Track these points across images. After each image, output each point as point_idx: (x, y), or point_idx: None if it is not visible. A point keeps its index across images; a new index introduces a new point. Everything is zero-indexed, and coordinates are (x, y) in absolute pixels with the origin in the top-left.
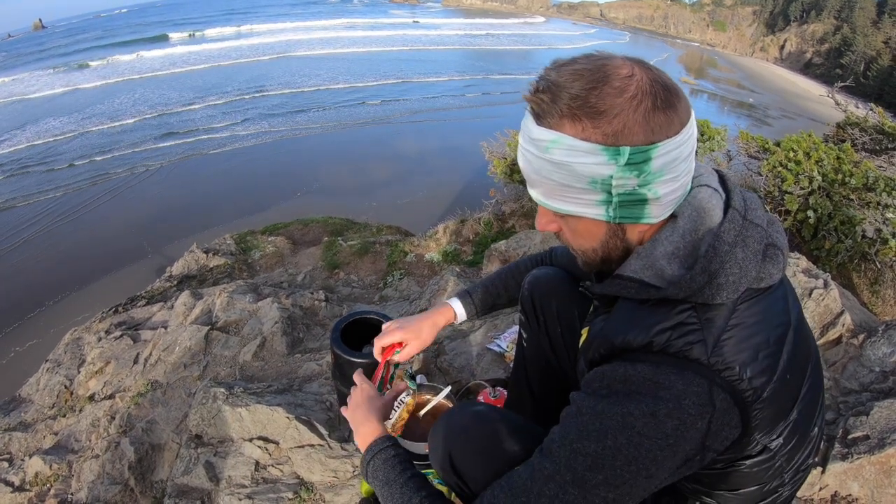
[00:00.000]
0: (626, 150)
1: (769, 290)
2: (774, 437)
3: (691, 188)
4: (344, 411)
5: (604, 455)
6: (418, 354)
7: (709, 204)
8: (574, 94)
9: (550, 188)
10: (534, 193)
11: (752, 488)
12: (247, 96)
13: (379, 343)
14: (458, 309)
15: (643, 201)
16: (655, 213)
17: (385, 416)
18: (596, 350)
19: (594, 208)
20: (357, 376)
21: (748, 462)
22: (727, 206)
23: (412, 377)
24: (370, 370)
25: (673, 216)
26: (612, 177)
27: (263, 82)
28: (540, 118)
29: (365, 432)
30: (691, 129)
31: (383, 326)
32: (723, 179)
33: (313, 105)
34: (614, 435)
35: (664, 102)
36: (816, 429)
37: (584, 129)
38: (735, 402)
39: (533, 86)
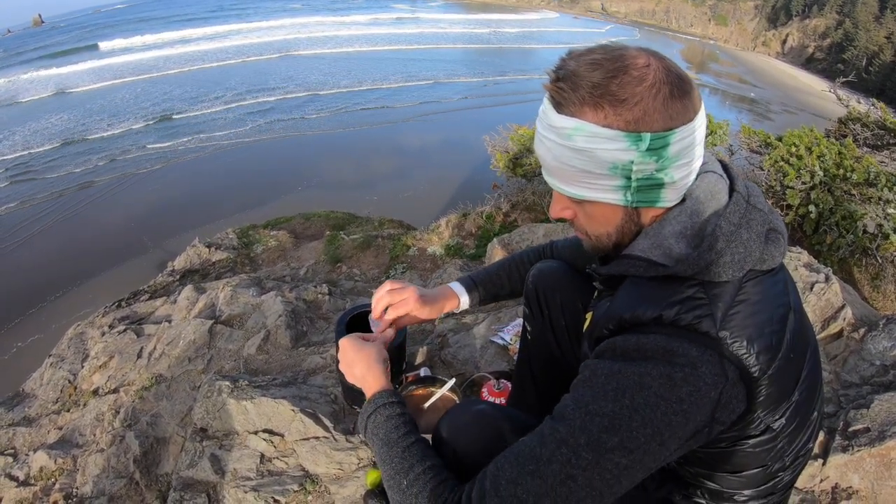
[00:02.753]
0: (647, 136)
1: (771, 272)
2: (777, 416)
3: (698, 174)
4: (340, 362)
5: (621, 415)
6: (422, 347)
7: (715, 188)
8: (595, 82)
9: (570, 174)
10: (551, 181)
11: (755, 470)
12: (247, 95)
13: (380, 303)
14: (463, 297)
15: (660, 185)
16: (670, 197)
17: (387, 367)
18: (604, 327)
19: (613, 193)
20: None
21: (751, 441)
22: (731, 190)
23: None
24: None
25: (681, 198)
26: (632, 162)
27: (264, 80)
28: (561, 106)
29: (371, 384)
30: (702, 116)
31: (390, 285)
32: (726, 167)
33: (314, 103)
34: (632, 394)
35: (680, 90)
36: (816, 413)
37: (605, 117)
38: (742, 377)
39: (552, 75)
